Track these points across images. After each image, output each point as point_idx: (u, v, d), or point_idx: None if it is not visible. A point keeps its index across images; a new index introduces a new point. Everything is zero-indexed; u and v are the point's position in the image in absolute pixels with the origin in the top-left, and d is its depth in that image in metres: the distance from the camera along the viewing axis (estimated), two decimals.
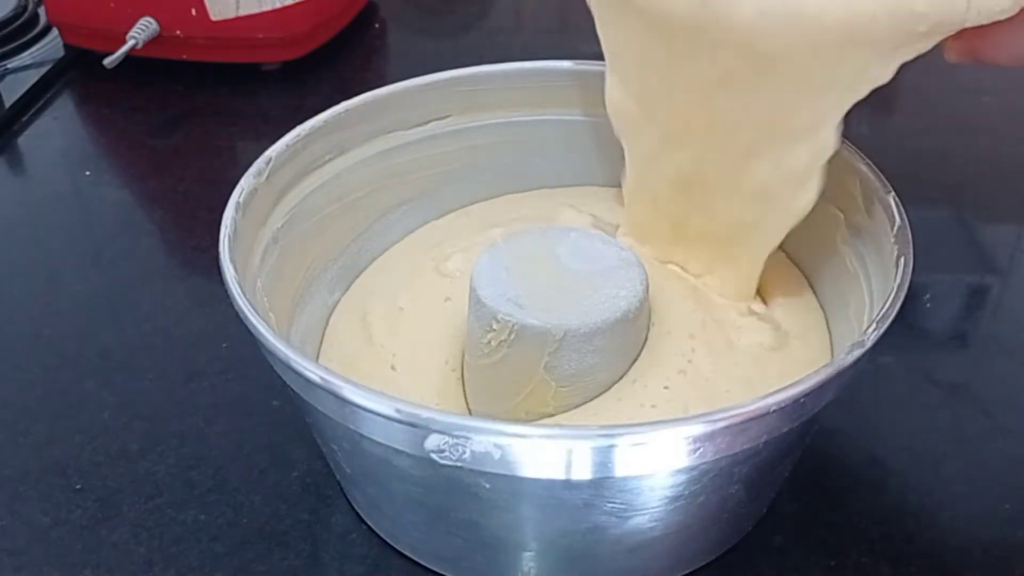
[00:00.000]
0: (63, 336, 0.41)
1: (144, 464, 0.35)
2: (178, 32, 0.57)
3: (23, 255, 0.46)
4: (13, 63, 0.60)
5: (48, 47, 0.62)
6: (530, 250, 0.32)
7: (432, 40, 0.68)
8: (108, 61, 0.54)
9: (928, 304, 0.42)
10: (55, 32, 0.62)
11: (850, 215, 0.33)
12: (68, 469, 0.35)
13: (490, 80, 0.38)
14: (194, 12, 0.56)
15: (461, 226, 0.39)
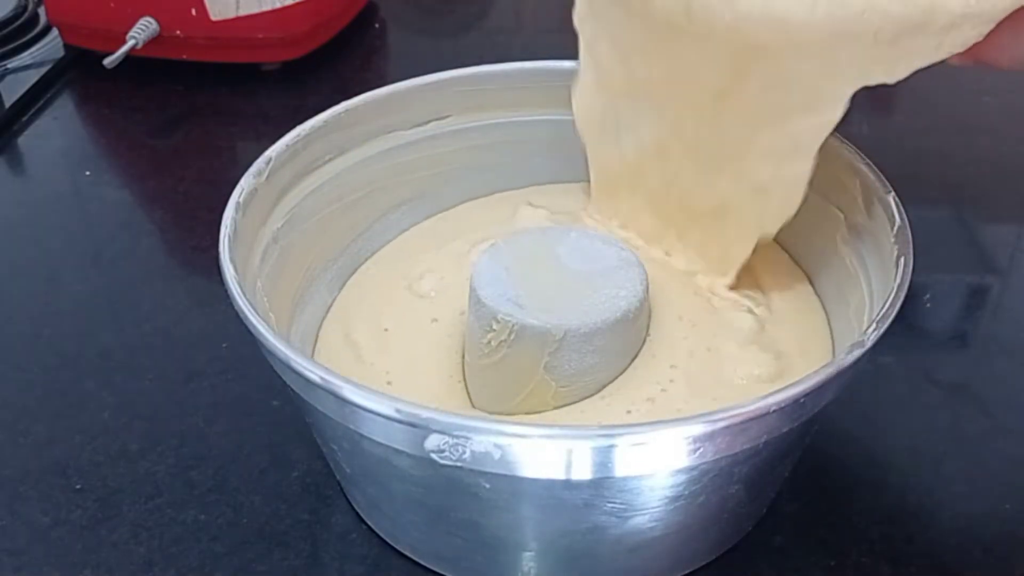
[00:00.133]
0: (63, 336, 0.41)
1: (144, 464, 0.35)
2: (178, 32, 0.57)
3: (23, 255, 0.46)
4: (13, 63, 0.60)
5: (48, 47, 0.62)
6: (530, 250, 0.32)
7: (432, 40, 0.68)
8: (108, 61, 0.54)
9: (928, 304, 0.42)
10: (55, 32, 0.62)
11: (850, 215, 0.33)
12: (68, 469, 0.35)
13: (490, 80, 0.38)
14: (194, 12, 0.56)
15: (424, 242, 0.38)
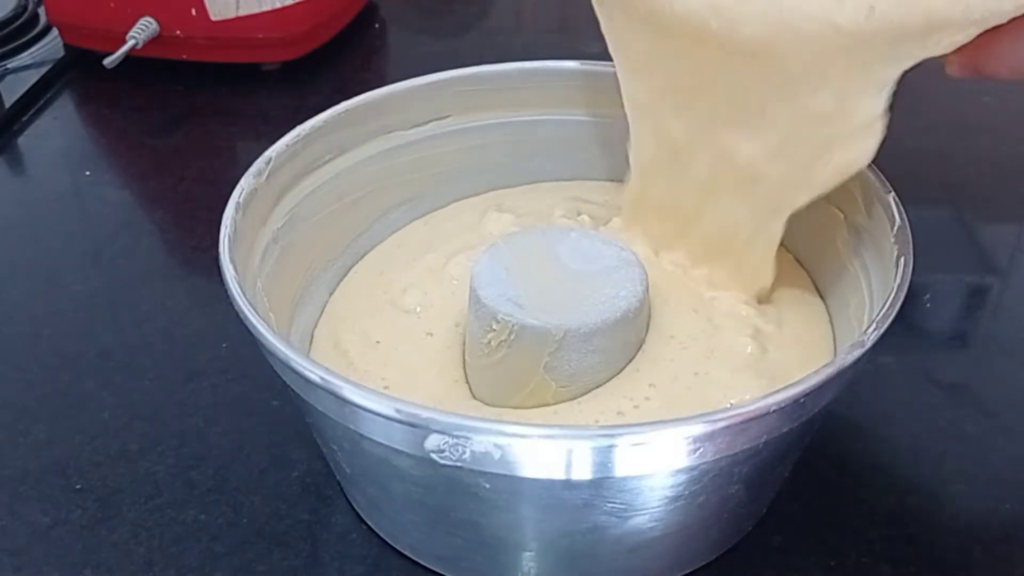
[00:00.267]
0: (63, 336, 0.41)
1: (144, 464, 0.35)
2: (178, 32, 0.57)
3: (23, 255, 0.46)
4: (13, 63, 0.60)
5: (48, 47, 0.62)
6: (530, 250, 0.32)
7: (432, 40, 0.68)
8: (108, 61, 0.54)
9: (928, 304, 0.42)
10: (55, 32, 0.62)
11: (850, 215, 0.33)
12: (68, 469, 0.35)
13: (490, 80, 0.38)
14: (194, 12, 0.56)
15: (401, 254, 0.38)
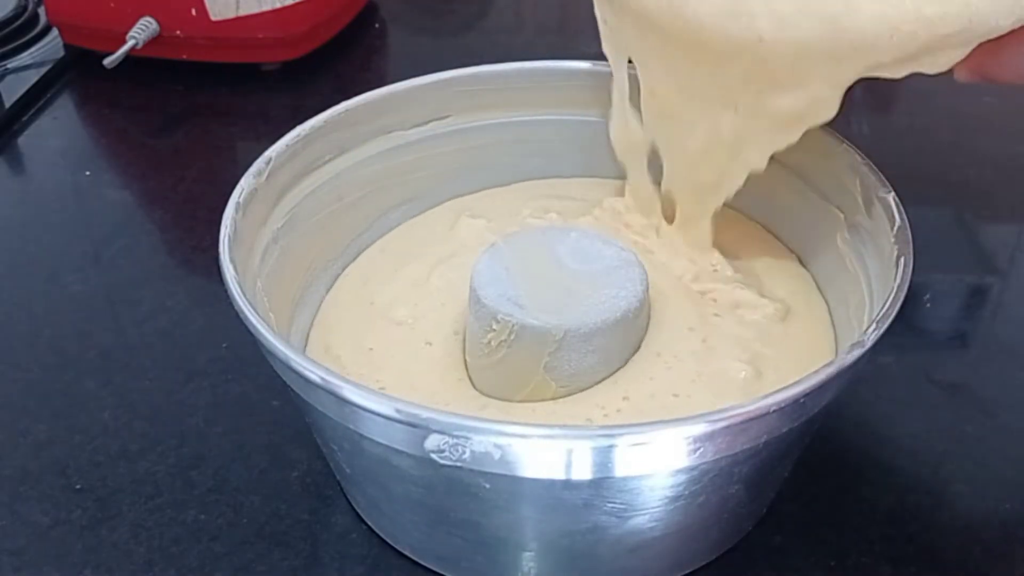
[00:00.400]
0: (63, 336, 0.41)
1: (144, 464, 0.35)
2: (178, 32, 0.57)
3: (23, 254, 0.46)
4: (13, 63, 0.60)
5: (48, 47, 0.61)
6: (530, 250, 0.32)
7: (432, 40, 0.68)
8: (108, 61, 0.54)
9: (928, 304, 0.42)
10: (55, 32, 0.62)
11: (850, 215, 0.33)
12: (68, 469, 0.35)
13: (490, 80, 0.38)
14: (194, 12, 0.56)
15: (383, 262, 0.37)
